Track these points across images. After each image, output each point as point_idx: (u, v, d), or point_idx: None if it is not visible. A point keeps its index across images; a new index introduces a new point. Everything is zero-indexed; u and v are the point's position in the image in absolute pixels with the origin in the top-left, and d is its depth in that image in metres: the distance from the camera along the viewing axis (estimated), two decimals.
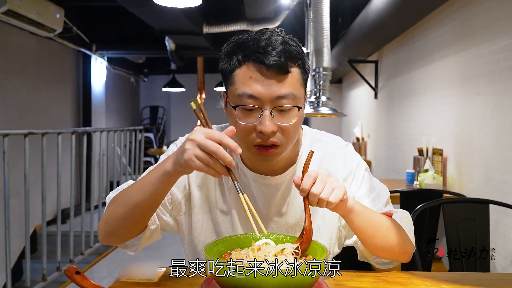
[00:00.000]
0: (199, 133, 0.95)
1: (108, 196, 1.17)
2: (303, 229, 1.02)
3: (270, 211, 1.20)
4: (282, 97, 1.04)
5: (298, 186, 1.00)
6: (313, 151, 1.06)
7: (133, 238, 1.14)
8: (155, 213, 1.14)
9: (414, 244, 1.22)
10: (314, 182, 0.99)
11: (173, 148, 1.23)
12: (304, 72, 1.09)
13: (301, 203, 1.19)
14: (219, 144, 0.94)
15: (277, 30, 1.10)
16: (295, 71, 1.06)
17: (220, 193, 1.21)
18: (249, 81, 1.04)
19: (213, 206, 1.21)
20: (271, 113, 1.04)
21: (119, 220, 1.08)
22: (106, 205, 1.15)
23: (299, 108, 1.07)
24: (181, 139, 1.23)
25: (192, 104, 1.03)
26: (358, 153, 1.31)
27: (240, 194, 1.00)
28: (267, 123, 1.03)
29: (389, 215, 1.18)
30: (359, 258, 1.24)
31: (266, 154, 1.08)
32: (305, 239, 1.02)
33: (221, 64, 1.10)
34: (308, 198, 1.00)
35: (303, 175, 1.01)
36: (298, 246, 1.01)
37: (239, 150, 0.96)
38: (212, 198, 1.21)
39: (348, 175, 1.22)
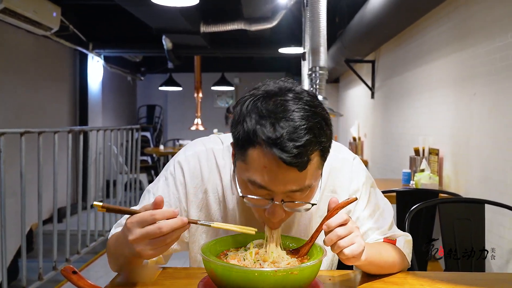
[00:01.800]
0: (134, 230, 0.90)
1: (110, 232, 1.17)
2: (303, 246, 1.03)
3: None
4: (297, 190, 0.95)
5: (331, 207, 0.98)
6: (356, 198, 1.01)
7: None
8: None
9: (410, 262, 1.23)
10: (342, 224, 0.95)
11: (171, 169, 1.19)
12: (325, 154, 0.98)
13: (307, 224, 1.19)
14: (155, 221, 0.89)
15: (299, 90, 0.96)
16: (315, 158, 0.94)
17: (222, 213, 1.18)
18: (263, 170, 0.92)
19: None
20: (282, 202, 0.96)
21: (119, 267, 1.10)
22: (107, 243, 1.15)
23: (312, 204, 1.00)
24: (178, 159, 1.19)
25: (99, 209, 0.93)
26: (355, 153, 1.30)
27: (209, 225, 0.98)
28: (276, 213, 0.97)
29: (393, 243, 1.16)
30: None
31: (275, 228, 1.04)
32: (300, 254, 1.03)
33: (232, 126, 0.97)
34: (326, 235, 0.96)
35: (334, 211, 0.98)
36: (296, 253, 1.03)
37: (184, 220, 0.91)
38: (213, 219, 1.18)
39: (354, 192, 1.20)
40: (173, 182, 1.16)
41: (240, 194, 1.00)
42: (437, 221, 2.10)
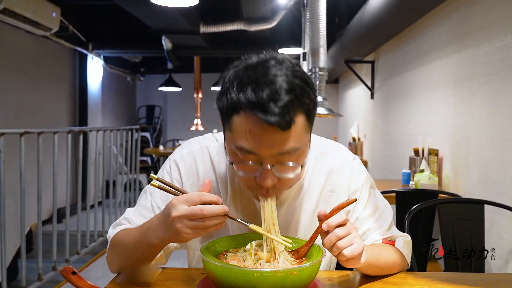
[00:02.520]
0: (180, 206, 0.91)
1: (108, 234, 1.16)
2: (302, 247, 1.03)
3: None
4: (284, 153, 0.96)
5: (321, 217, 0.98)
6: (356, 199, 1.02)
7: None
8: None
9: (409, 263, 1.23)
10: (341, 225, 0.96)
11: (167, 168, 1.21)
12: (310, 116, 0.99)
13: (306, 223, 1.19)
14: (201, 202, 0.91)
15: (280, 58, 0.98)
16: (299, 120, 0.95)
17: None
18: (248, 135, 0.93)
19: None
20: (271, 167, 0.97)
21: (123, 266, 1.10)
22: (108, 245, 1.15)
23: (301, 165, 1.01)
24: (174, 157, 1.21)
25: (153, 183, 0.97)
26: (355, 153, 1.30)
27: (247, 225, 0.99)
28: (267, 179, 0.97)
29: (392, 243, 1.17)
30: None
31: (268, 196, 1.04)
32: (300, 255, 1.02)
33: (216, 100, 1.00)
34: (325, 235, 0.96)
35: (334, 212, 0.98)
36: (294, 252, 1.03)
37: (226, 209, 0.93)
38: None
39: (354, 193, 1.20)
40: (169, 180, 1.17)
41: (229, 161, 1.01)
42: (436, 221, 2.10)
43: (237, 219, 0.99)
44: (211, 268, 0.92)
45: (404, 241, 1.23)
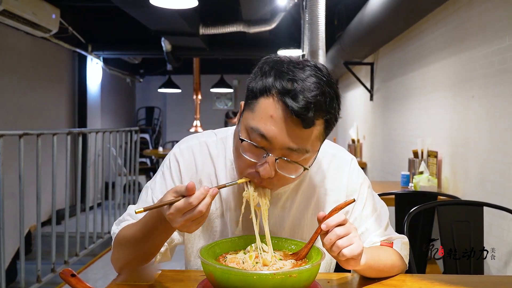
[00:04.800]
0: (176, 219, 0.91)
1: (112, 231, 1.17)
2: (302, 249, 1.03)
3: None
4: (294, 150, 0.98)
5: (320, 218, 0.98)
6: (354, 200, 1.02)
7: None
8: None
9: (407, 264, 1.24)
10: (341, 224, 0.96)
11: (167, 163, 1.21)
12: (328, 128, 1.02)
13: (302, 220, 1.19)
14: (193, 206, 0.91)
15: (319, 65, 1.02)
16: (319, 125, 0.98)
17: (217, 201, 1.19)
18: (268, 119, 0.96)
19: (208, 218, 1.19)
20: (276, 159, 0.98)
21: (128, 261, 1.10)
22: (113, 242, 1.15)
23: (305, 168, 1.02)
24: (174, 152, 1.22)
25: (137, 212, 0.93)
26: (354, 155, 1.31)
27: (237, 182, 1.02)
28: (268, 169, 0.98)
29: (390, 246, 1.17)
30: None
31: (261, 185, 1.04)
32: (299, 257, 1.03)
33: (250, 80, 1.03)
34: (325, 236, 0.96)
35: (333, 213, 0.98)
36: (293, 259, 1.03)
37: (214, 191, 0.93)
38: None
39: (352, 193, 1.21)
40: (169, 174, 1.19)
41: (240, 137, 1.01)
42: (435, 223, 2.10)
43: (226, 184, 1.01)
44: (211, 270, 0.92)
45: (402, 242, 1.23)
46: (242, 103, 1.07)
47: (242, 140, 1.00)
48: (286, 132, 0.96)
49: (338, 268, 1.27)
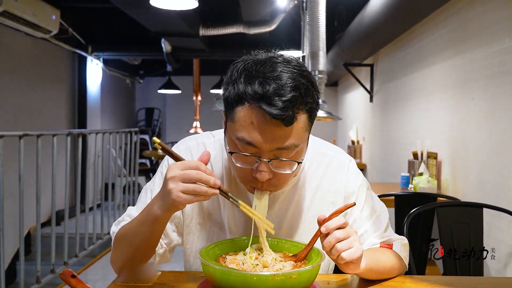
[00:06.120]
0: (176, 169, 0.93)
1: (112, 230, 1.17)
2: (302, 250, 1.03)
3: None
4: (283, 148, 0.98)
5: (320, 221, 0.98)
6: (354, 203, 1.02)
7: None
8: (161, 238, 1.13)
9: (407, 265, 1.23)
10: (340, 227, 0.96)
11: (165, 163, 1.21)
12: (311, 116, 1.02)
13: (299, 220, 1.19)
14: (197, 168, 0.93)
15: (288, 57, 1.01)
16: (301, 118, 0.98)
17: (214, 202, 1.19)
18: (250, 126, 0.96)
19: (207, 218, 1.19)
20: (269, 161, 0.99)
21: (127, 259, 1.10)
22: (112, 242, 1.15)
23: (299, 162, 1.03)
24: (165, 164, 1.22)
25: (156, 145, 0.96)
26: (353, 156, 1.31)
27: (237, 202, 0.99)
28: (264, 172, 0.99)
29: (390, 247, 1.17)
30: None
31: (262, 189, 1.05)
32: (299, 258, 1.03)
33: (223, 90, 1.03)
34: (324, 238, 0.96)
35: (333, 215, 0.98)
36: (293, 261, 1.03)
37: (218, 182, 0.94)
38: (205, 209, 1.19)
39: (351, 194, 1.20)
40: None
41: (228, 150, 1.02)
42: (435, 225, 2.10)
43: (229, 193, 1.00)
44: (211, 271, 0.93)
45: (401, 244, 1.23)
46: (224, 113, 1.06)
47: (231, 153, 1.01)
48: (270, 135, 0.96)
49: (337, 270, 1.27)
